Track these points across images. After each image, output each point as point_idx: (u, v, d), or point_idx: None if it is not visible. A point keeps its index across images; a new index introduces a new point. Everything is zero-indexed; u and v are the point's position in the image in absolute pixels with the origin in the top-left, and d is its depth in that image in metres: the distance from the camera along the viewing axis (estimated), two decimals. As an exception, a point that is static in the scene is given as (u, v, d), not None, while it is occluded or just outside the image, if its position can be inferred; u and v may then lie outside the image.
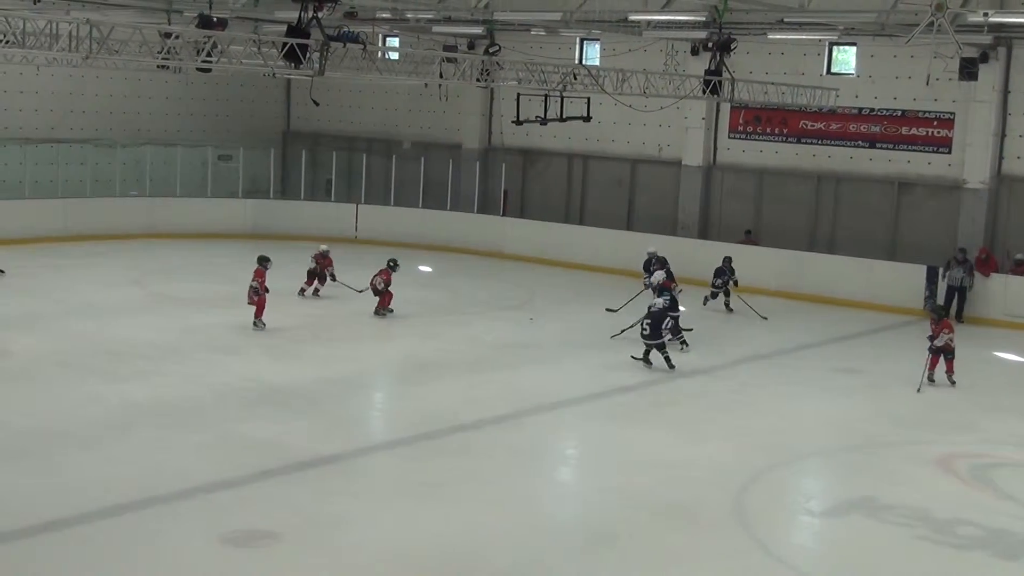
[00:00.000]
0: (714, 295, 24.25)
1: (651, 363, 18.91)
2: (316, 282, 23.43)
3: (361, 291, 22.60)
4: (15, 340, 19.04)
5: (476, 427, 15.50)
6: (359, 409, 16.99)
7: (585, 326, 21.80)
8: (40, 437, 14.15)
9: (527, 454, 14.70)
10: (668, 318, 19.23)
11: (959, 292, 24.26)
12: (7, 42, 16.11)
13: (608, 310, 22.40)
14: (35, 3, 23.40)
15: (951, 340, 18.56)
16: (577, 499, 13.65)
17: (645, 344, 18.92)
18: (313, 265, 23.42)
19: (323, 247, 23.86)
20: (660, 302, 19.34)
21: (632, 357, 19.10)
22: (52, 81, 30.52)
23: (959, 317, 24.04)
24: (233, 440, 14.39)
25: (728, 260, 24.26)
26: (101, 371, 17.43)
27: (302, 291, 23.35)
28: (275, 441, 14.42)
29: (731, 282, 24.03)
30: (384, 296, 22.21)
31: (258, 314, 20.49)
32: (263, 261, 20.80)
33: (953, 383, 18.56)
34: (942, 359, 18.66)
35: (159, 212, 30.87)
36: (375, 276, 22.28)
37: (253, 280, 20.52)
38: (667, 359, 18.80)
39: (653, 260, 23.42)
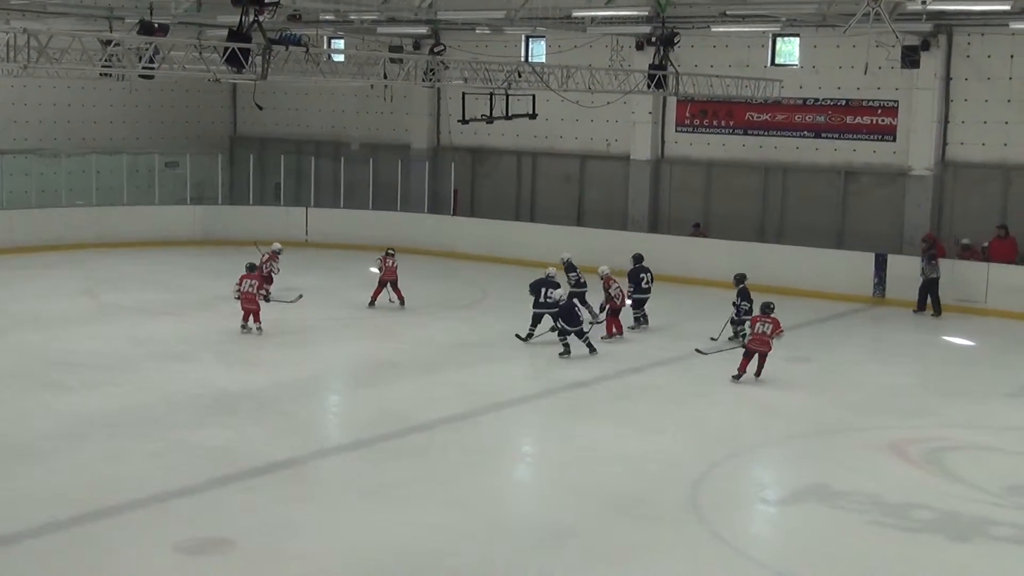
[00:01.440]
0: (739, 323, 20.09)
1: (570, 352, 19.37)
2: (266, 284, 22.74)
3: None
4: (-38, 354, 18.82)
5: (432, 427, 15.48)
6: (314, 413, 16.91)
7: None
8: (-11, 452, 13.99)
9: (483, 453, 14.73)
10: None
11: (930, 285, 23.82)
12: (-56, 54, 15.89)
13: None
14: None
15: (753, 336, 17.30)
16: (534, 496, 13.69)
17: (565, 331, 19.43)
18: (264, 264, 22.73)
19: (276, 245, 23.48)
20: (558, 294, 19.84)
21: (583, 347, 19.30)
22: (-8, 92, 30.20)
23: (936, 311, 23.78)
24: (187, 448, 14.27)
25: (740, 278, 20.61)
26: (51, 383, 17.22)
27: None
28: (229, 447, 14.34)
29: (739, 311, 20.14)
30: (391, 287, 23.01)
31: (257, 318, 20.47)
32: (253, 268, 21.00)
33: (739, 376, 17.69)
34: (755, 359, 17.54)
35: (107, 221, 30.54)
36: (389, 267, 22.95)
37: (260, 288, 20.54)
38: (588, 344, 19.44)
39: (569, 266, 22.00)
